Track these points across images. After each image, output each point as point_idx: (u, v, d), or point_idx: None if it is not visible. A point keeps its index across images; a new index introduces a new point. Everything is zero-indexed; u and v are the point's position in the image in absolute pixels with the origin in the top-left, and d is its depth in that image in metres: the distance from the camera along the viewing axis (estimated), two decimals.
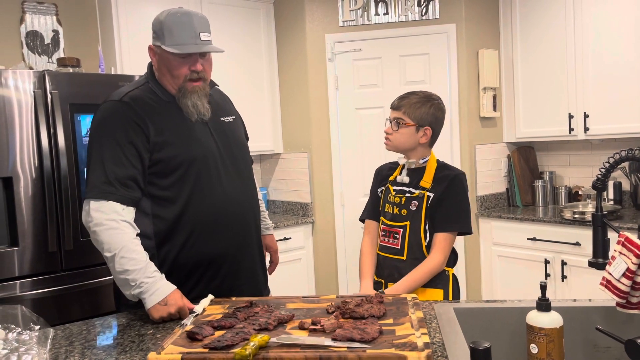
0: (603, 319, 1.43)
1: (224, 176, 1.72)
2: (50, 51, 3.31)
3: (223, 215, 1.71)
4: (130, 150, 1.59)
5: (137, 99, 1.65)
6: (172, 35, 1.61)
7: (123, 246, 1.52)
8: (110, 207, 1.54)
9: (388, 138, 1.88)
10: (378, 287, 1.93)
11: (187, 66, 1.65)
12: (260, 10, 3.82)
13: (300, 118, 3.81)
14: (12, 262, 2.48)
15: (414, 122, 1.84)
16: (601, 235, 1.33)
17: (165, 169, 1.63)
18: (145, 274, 1.52)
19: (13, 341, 1.24)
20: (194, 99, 1.67)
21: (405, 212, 1.86)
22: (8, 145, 2.47)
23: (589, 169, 3.68)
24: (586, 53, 3.28)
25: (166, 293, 1.52)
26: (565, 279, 3.15)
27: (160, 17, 1.65)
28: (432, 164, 1.89)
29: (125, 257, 1.51)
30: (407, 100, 1.85)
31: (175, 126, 1.66)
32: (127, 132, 1.59)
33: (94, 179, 1.57)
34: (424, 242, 1.84)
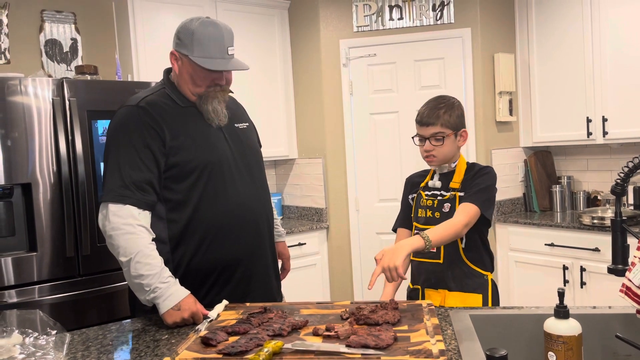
0: (623, 326, 1.40)
1: (238, 181, 1.73)
2: (69, 59, 3.37)
3: (236, 220, 1.71)
4: (147, 154, 1.60)
5: (153, 103, 1.66)
6: (202, 47, 1.62)
7: (139, 251, 1.52)
8: (127, 211, 1.55)
9: (432, 155, 1.83)
10: (415, 294, 1.90)
11: (211, 79, 1.68)
12: (274, 17, 3.85)
13: (315, 123, 3.81)
14: (30, 267, 2.52)
15: (452, 130, 1.83)
16: (621, 241, 1.30)
17: (181, 173, 1.65)
18: (160, 279, 1.52)
19: (30, 346, 1.26)
20: (215, 104, 1.70)
21: (439, 215, 1.83)
22: (27, 152, 2.51)
23: (608, 173, 3.63)
24: (604, 56, 3.24)
25: (180, 298, 1.52)
26: (584, 286, 3.10)
27: (190, 25, 1.65)
28: (461, 165, 1.88)
29: (140, 262, 1.52)
30: (437, 112, 1.81)
31: (191, 131, 1.68)
32: (143, 137, 1.60)
33: (111, 183, 1.58)
34: (461, 245, 1.81)
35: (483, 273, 1.84)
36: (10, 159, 2.47)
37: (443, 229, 1.68)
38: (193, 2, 3.45)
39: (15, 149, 2.48)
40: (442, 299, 1.81)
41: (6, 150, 2.46)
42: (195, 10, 3.46)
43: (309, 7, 3.76)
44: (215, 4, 3.54)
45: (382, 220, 3.67)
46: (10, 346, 1.24)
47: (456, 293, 1.81)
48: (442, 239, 1.66)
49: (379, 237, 3.70)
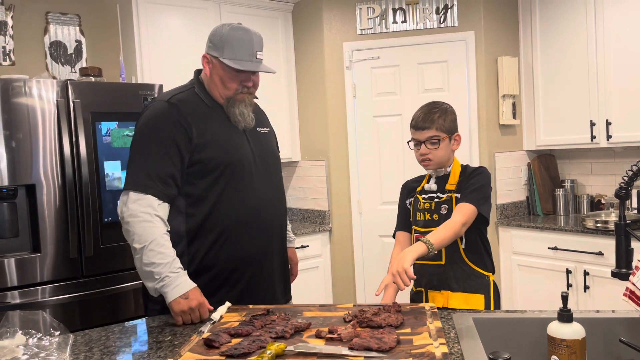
0: (627, 330, 1.40)
1: (256, 183, 1.78)
2: (73, 61, 3.38)
3: (252, 219, 1.76)
4: (173, 149, 1.65)
5: (183, 101, 1.72)
6: (232, 49, 1.69)
7: (153, 239, 1.57)
8: (147, 201, 1.60)
9: (428, 159, 1.87)
10: (418, 297, 1.90)
11: (239, 80, 1.73)
12: (278, 19, 3.85)
13: (318, 126, 3.82)
14: (34, 268, 2.52)
15: (447, 134, 1.87)
16: (624, 244, 1.30)
17: (203, 170, 1.69)
18: (170, 269, 1.56)
19: (33, 347, 1.26)
20: (242, 108, 1.76)
21: (437, 217, 1.86)
22: (32, 153, 2.52)
23: (612, 177, 3.62)
24: (608, 59, 3.24)
25: (188, 288, 1.55)
26: (587, 290, 3.09)
27: (221, 30, 1.72)
28: (456, 168, 1.92)
29: (154, 250, 1.56)
30: (431, 116, 1.87)
31: (216, 130, 1.73)
32: (171, 132, 1.66)
33: (134, 173, 1.63)
34: (461, 245, 1.83)
35: (484, 274, 1.85)
36: (15, 160, 2.48)
37: (443, 231, 1.70)
38: (197, 4, 3.46)
39: (19, 151, 2.49)
40: (445, 299, 1.82)
41: (10, 151, 2.47)
42: (199, 13, 3.48)
43: (312, 9, 3.77)
44: (219, 6, 3.55)
45: (385, 223, 3.67)
46: (13, 347, 1.25)
47: (459, 294, 1.82)
48: (443, 241, 1.68)
49: (381, 239, 3.70)
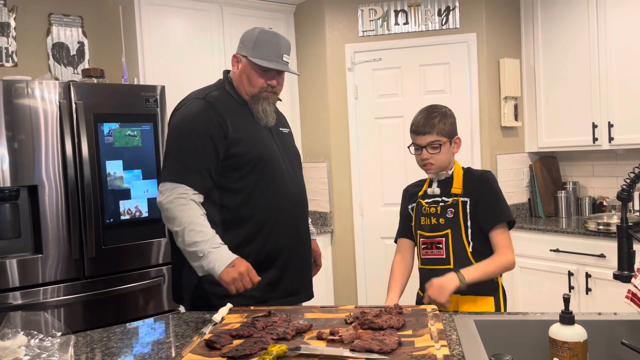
0: (629, 333, 1.39)
1: (286, 178, 1.87)
2: (76, 62, 3.39)
3: (283, 211, 1.84)
4: (209, 143, 1.74)
5: (218, 98, 1.82)
6: (260, 49, 1.80)
7: (192, 220, 1.65)
8: (182, 189, 1.69)
9: (430, 163, 1.87)
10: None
11: (264, 79, 1.83)
12: (280, 21, 3.86)
13: (320, 127, 3.82)
14: (36, 269, 2.53)
15: (447, 138, 1.87)
16: (626, 247, 1.30)
17: (237, 164, 1.78)
18: (212, 245, 1.64)
19: (35, 347, 1.26)
20: (264, 105, 1.85)
21: (444, 221, 1.85)
22: (34, 154, 2.53)
23: (614, 179, 3.61)
24: (610, 61, 3.23)
25: (232, 258, 1.63)
26: (589, 292, 3.09)
27: (253, 32, 1.84)
28: (458, 171, 1.92)
29: (194, 230, 1.64)
30: (432, 121, 1.87)
31: (248, 126, 1.83)
32: (208, 127, 1.74)
33: (172, 165, 1.74)
34: (469, 248, 1.83)
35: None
36: (17, 161, 2.49)
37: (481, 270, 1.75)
38: (200, 6, 3.47)
39: (21, 152, 2.50)
40: (455, 303, 1.80)
41: (13, 152, 2.48)
42: (202, 15, 3.48)
43: (314, 11, 3.77)
44: (221, 8, 3.56)
45: (387, 225, 3.67)
46: (15, 348, 1.25)
47: (468, 297, 1.80)
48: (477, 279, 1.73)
49: (383, 241, 3.69)
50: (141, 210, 2.83)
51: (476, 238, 1.83)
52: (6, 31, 3.15)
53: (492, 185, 1.87)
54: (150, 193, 2.86)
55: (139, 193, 2.82)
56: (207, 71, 3.42)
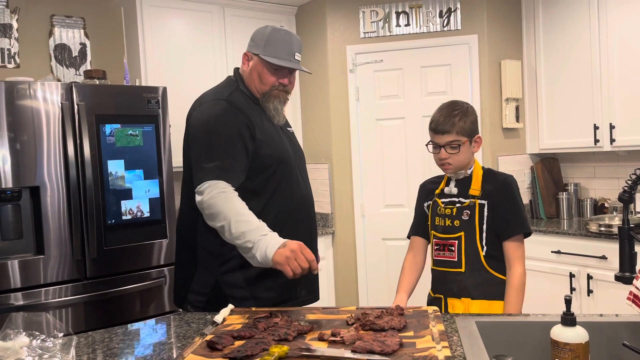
0: (630, 334, 1.39)
1: (299, 178, 1.88)
2: (78, 63, 3.39)
3: (299, 212, 1.84)
4: (240, 143, 1.71)
5: (238, 99, 1.80)
6: (272, 47, 1.78)
7: (237, 211, 1.60)
8: (222, 185, 1.64)
9: (448, 163, 1.82)
10: (437, 303, 1.86)
11: (276, 78, 1.80)
12: (282, 23, 3.86)
13: (321, 129, 3.82)
14: (37, 270, 2.53)
15: (467, 137, 1.81)
16: (628, 248, 1.30)
17: (261, 165, 1.76)
18: (260, 233, 1.57)
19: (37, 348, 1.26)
20: (275, 103, 1.83)
21: (458, 223, 1.82)
22: (36, 155, 2.53)
23: (616, 180, 3.61)
24: (612, 63, 3.23)
25: (282, 240, 1.55)
26: (591, 294, 3.08)
27: (264, 30, 1.82)
28: (477, 171, 1.87)
29: (240, 221, 1.58)
30: (452, 120, 1.80)
31: (267, 127, 1.81)
32: (238, 128, 1.72)
33: (206, 164, 1.67)
34: (482, 252, 1.80)
35: (504, 279, 1.81)
36: (19, 162, 2.49)
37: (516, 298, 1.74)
38: (201, 7, 3.47)
39: (23, 153, 2.50)
40: (466, 307, 1.79)
41: (15, 153, 2.48)
42: (203, 16, 3.49)
43: (316, 13, 3.78)
44: (223, 10, 3.57)
45: (388, 226, 3.67)
46: (17, 348, 1.25)
47: (479, 301, 1.78)
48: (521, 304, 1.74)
49: (384, 242, 3.70)
50: (142, 210, 2.83)
51: (490, 242, 1.80)
52: (8, 32, 3.16)
53: (514, 192, 1.82)
54: (151, 193, 2.87)
55: (141, 193, 2.83)
56: (209, 72, 3.43)
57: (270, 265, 1.53)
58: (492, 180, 1.85)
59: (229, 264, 1.77)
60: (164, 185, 2.90)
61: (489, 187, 1.83)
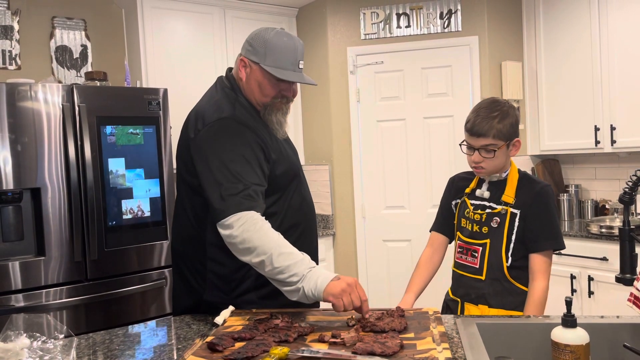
0: (631, 336, 1.39)
1: (306, 191, 1.78)
2: (79, 65, 3.40)
3: (308, 225, 1.76)
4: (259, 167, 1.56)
5: (246, 115, 1.62)
6: (274, 56, 1.60)
7: (277, 244, 1.46)
8: (250, 215, 1.48)
9: (481, 167, 1.70)
10: (454, 305, 1.81)
11: (278, 90, 1.64)
12: (283, 24, 3.87)
13: (322, 130, 3.82)
14: (38, 271, 2.53)
15: (504, 141, 1.68)
16: (629, 250, 1.30)
17: (277, 186, 1.63)
18: (308, 265, 1.46)
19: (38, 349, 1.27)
20: (279, 116, 1.68)
21: (487, 230, 1.72)
22: (37, 157, 2.54)
23: (616, 182, 3.61)
24: (612, 64, 3.23)
25: (334, 274, 1.45)
26: (592, 295, 3.08)
27: (265, 34, 1.62)
28: (513, 175, 1.75)
29: (283, 253, 1.45)
30: (490, 122, 1.66)
31: (275, 144, 1.66)
32: (254, 151, 1.56)
33: (231, 195, 1.49)
34: (505, 263, 1.70)
35: (525, 290, 1.72)
36: (20, 163, 2.49)
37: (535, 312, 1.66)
38: (202, 9, 3.48)
39: (24, 154, 2.50)
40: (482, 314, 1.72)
41: (16, 155, 2.49)
42: (204, 18, 3.49)
43: (316, 14, 3.78)
44: (224, 11, 3.57)
45: (389, 228, 3.67)
46: (18, 350, 1.25)
47: (497, 310, 1.71)
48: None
49: (385, 244, 3.69)
50: (143, 210, 2.83)
51: (516, 253, 1.71)
52: (10, 34, 3.16)
53: (549, 203, 1.71)
54: (152, 192, 2.87)
55: (141, 192, 2.83)
56: (210, 74, 3.43)
57: (319, 299, 1.42)
58: (528, 188, 1.73)
59: (241, 287, 1.66)
60: (164, 186, 2.90)
61: (524, 196, 1.71)
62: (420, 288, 1.85)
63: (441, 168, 3.57)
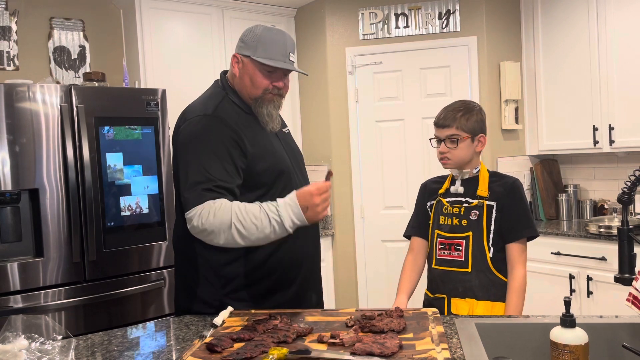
0: (630, 336, 1.39)
1: (299, 184, 1.74)
2: (77, 66, 3.40)
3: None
4: (230, 162, 1.59)
5: (228, 112, 1.66)
6: (265, 48, 1.66)
7: (232, 212, 1.48)
8: (210, 205, 1.51)
9: (447, 157, 1.84)
10: (439, 303, 1.84)
11: (270, 80, 1.69)
12: (281, 25, 3.87)
13: (321, 130, 3.82)
14: (37, 272, 2.53)
15: (469, 134, 1.82)
16: (627, 250, 1.30)
17: (259, 182, 1.65)
18: (270, 208, 1.49)
19: (36, 351, 1.26)
20: (270, 109, 1.71)
21: (466, 223, 1.81)
22: (35, 158, 2.53)
23: (615, 182, 3.61)
24: (611, 64, 3.24)
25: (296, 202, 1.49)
26: (590, 295, 3.08)
27: (255, 30, 1.70)
28: (484, 172, 1.87)
29: (242, 214, 1.48)
30: (454, 115, 1.82)
31: (260, 139, 1.69)
32: (226, 147, 1.59)
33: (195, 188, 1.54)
34: (488, 253, 1.79)
35: (506, 281, 1.81)
36: (18, 164, 2.49)
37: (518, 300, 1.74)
38: (201, 10, 3.48)
39: (23, 155, 2.50)
40: (471, 308, 1.78)
41: (14, 156, 2.48)
42: (203, 18, 3.49)
43: (315, 15, 3.78)
44: (222, 12, 3.57)
45: (388, 228, 3.67)
46: (16, 351, 1.25)
47: (483, 302, 1.78)
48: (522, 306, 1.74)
49: (384, 244, 3.69)
50: (142, 207, 2.83)
51: (496, 244, 1.80)
52: (8, 35, 3.16)
53: (522, 195, 1.84)
54: (150, 189, 2.87)
55: (140, 189, 2.83)
56: (208, 74, 3.42)
57: (300, 216, 1.49)
58: (501, 182, 1.85)
59: (232, 284, 1.68)
60: (163, 187, 2.90)
61: (498, 188, 1.83)
62: (410, 289, 1.92)
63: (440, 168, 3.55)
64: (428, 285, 1.93)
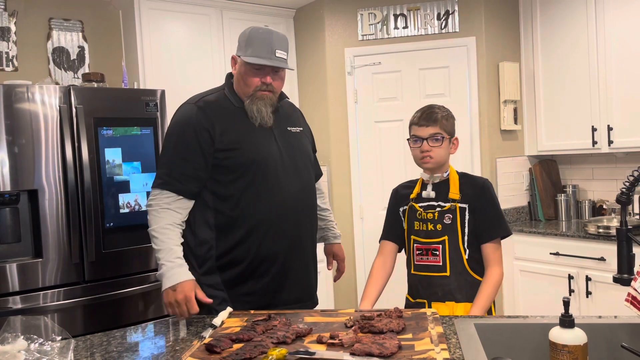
0: (629, 336, 1.39)
1: (283, 180, 1.81)
2: (76, 67, 3.39)
3: (278, 216, 1.80)
4: (196, 149, 1.74)
5: (210, 102, 1.81)
6: (253, 47, 1.76)
7: (157, 227, 1.71)
8: (164, 196, 1.74)
9: (429, 155, 1.85)
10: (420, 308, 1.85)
11: (258, 78, 1.79)
12: (280, 25, 3.87)
13: (320, 131, 3.82)
14: (36, 273, 2.53)
15: (448, 135, 1.86)
16: (626, 250, 1.30)
17: (228, 169, 1.76)
18: (168, 258, 1.67)
19: (35, 352, 1.26)
20: (259, 105, 1.80)
21: (441, 227, 1.83)
22: (34, 159, 2.53)
23: (614, 182, 3.62)
24: (609, 65, 3.24)
25: (179, 280, 1.64)
26: (589, 295, 3.08)
27: (246, 31, 1.81)
28: (454, 175, 1.89)
29: (156, 237, 1.71)
30: (435, 115, 1.85)
31: (241, 130, 1.80)
32: (195, 133, 1.75)
33: (160, 171, 1.77)
34: (464, 255, 1.82)
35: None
36: (17, 165, 2.49)
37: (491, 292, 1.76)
38: (200, 10, 3.48)
39: (22, 156, 2.50)
40: (451, 311, 1.80)
41: (13, 156, 2.48)
42: (201, 19, 3.49)
43: (314, 15, 3.78)
44: (221, 13, 3.57)
45: None
46: (15, 352, 1.25)
47: (463, 304, 1.80)
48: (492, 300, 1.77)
49: None
50: (140, 204, 2.83)
51: (471, 245, 1.82)
52: (6, 36, 3.16)
53: (493, 196, 1.86)
54: (149, 187, 2.87)
55: (139, 186, 2.83)
56: (207, 75, 3.43)
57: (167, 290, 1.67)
58: (471, 183, 1.87)
59: (206, 265, 1.79)
60: None
61: (469, 190, 1.85)
62: (375, 297, 1.92)
63: None
64: (409, 290, 1.94)
